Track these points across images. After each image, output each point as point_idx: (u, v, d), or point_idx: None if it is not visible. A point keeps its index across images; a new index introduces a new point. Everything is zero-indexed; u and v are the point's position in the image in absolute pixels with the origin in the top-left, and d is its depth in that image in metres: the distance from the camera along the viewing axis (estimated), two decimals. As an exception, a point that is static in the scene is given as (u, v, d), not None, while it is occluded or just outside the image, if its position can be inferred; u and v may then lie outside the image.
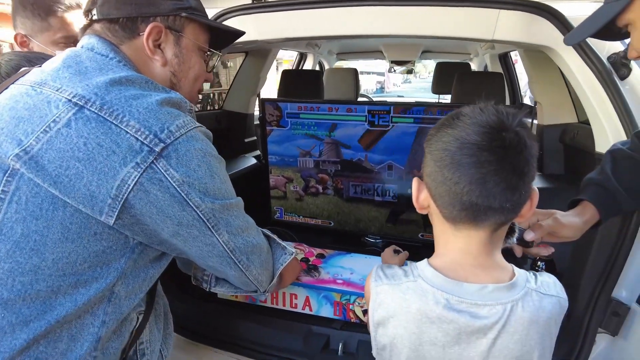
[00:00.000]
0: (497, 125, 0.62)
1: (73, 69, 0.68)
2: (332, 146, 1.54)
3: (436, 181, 0.66)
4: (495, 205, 0.63)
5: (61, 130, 0.61)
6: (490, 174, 0.62)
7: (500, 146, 0.62)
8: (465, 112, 0.66)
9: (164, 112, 0.66)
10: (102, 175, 0.61)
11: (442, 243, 0.72)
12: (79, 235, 0.63)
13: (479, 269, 0.68)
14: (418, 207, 0.74)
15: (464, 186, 0.63)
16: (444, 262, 0.70)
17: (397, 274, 0.73)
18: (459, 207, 0.65)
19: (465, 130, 0.63)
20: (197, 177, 0.68)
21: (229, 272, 0.80)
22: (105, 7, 0.74)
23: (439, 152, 0.66)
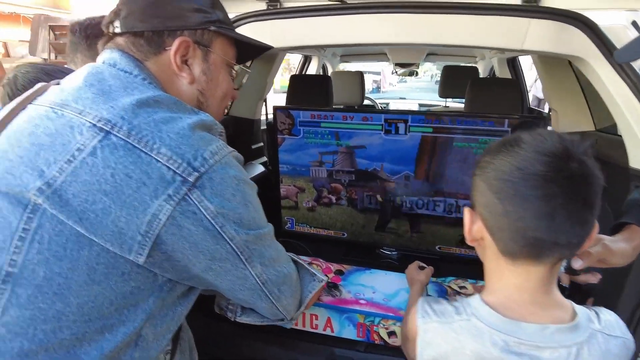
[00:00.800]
0: (562, 154, 0.57)
1: (96, 87, 0.62)
2: (347, 156, 1.49)
3: (495, 214, 0.61)
4: (562, 241, 0.58)
5: (86, 160, 0.55)
6: (558, 208, 0.57)
7: (568, 177, 0.57)
8: (526, 139, 0.60)
9: (197, 137, 0.60)
10: (131, 210, 0.56)
11: (495, 278, 0.67)
12: (106, 277, 0.57)
13: (537, 307, 0.63)
14: (470, 239, 0.68)
15: (529, 221, 0.58)
16: (499, 299, 0.64)
17: (448, 311, 0.68)
18: (522, 242, 0.59)
19: (527, 160, 0.58)
20: (232, 208, 0.62)
21: (259, 304, 0.75)
22: (129, 19, 0.68)
23: (497, 182, 0.60)
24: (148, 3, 0.68)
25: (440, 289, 1.19)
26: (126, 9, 0.68)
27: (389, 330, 1.08)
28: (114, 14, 0.69)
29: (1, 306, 0.54)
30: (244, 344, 1.16)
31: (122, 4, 0.69)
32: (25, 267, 0.55)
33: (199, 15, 0.71)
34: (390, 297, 1.13)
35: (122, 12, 0.68)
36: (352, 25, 1.10)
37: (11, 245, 0.55)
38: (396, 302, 1.11)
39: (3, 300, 0.55)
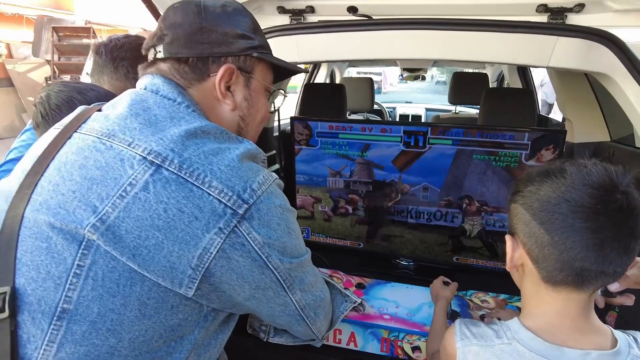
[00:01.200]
0: (609, 186, 0.59)
1: (142, 117, 0.62)
2: (364, 166, 1.49)
3: (540, 244, 0.62)
4: (609, 270, 0.59)
5: (139, 195, 0.55)
6: (608, 240, 0.58)
7: (617, 210, 0.58)
8: (570, 170, 0.61)
9: (245, 168, 0.61)
10: (183, 245, 0.56)
11: (534, 303, 0.67)
12: (156, 311, 0.57)
13: (578, 333, 0.64)
14: (510, 266, 0.69)
15: (578, 252, 0.59)
16: (539, 324, 0.65)
17: (487, 334, 0.68)
18: (568, 271, 0.60)
19: (575, 192, 0.59)
20: (277, 237, 0.63)
21: (296, 327, 0.75)
22: (174, 45, 0.68)
23: (544, 213, 0.61)
24: (194, 30, 0.67)
25: (462, 302, 1.19)
26: (171, 35, 0.68)
27: (413, 346, 1.08)
28: (157, 38, 0.69)
29: (57, 342, 0.54)
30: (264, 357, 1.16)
31: (166, 29, 0.68)
32: (80, 303, 0.55)
33: (242, 42, 0.71)
34: (414, 312, 1.14)
35: (166, 38, 0.68)
36: (378, 41, 1.11)
37: (67, 282, 0.55)
38: (420, 317, 1.12)
39: (59, 337, 0.55)
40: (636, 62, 1.01)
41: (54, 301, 0.55)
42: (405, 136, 1.42)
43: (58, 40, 7.53)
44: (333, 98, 1.97)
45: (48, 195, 0.58)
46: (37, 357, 0.54)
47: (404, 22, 1.06)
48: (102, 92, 0.94)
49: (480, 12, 1.18)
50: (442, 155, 1.39)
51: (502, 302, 1.19)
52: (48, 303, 0.55)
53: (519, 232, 0.66)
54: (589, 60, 1.04)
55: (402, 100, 4.73)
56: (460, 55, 1.08)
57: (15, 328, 0.54)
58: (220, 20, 0.69)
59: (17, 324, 0.55)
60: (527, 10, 1.11)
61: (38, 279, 0.55)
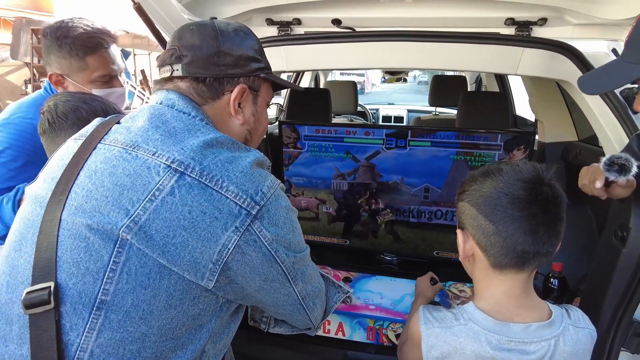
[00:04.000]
0: (537, 180, 0.71)
1: (162, 129, 0.69)
2: (367, 169, 1.55)
3: (487, 233, 0.73)
4: (543, 250, 0.72)
5: (166, 199, 0.63)
6: (540, 225, 0.70)
7: (545, 199, 0.71)
8: (506, 169, 0.74)
9: (256, 174, 0.68)
10: (205, 242, 0.63)
11: (484, 286, 0.78)
12: (181, 301, 0.64)
13: (522, 309, 0.76)
14: (463, 256, 0.80)
15: (518, 237, 0.70)
16: (490, 305, 0.76)
17: (447, 317, 0.78)
18: (511, 255, 0.72)
19: (512, 186, 0.71)
20: (283, 234, 0.70)
21: (297, 316, 0.83)
22: (192, 66, 0.74)
23: (488, 207, 0.73)
24: (212, 52, 0.74)
25: (442, 292, 1.28)
26: (190, 56, 0.74)
27: (397, 333, 1.17)
28: (176, 58, 0.75)
29: (96, 330, 0.61)
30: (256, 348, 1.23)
31: (185, 50, 0.75)
32: (116, 295, 0.62)
33: (252, 64, 0.79)
34: (397, 302, 1.23)
35: (185, 58, 0.74)
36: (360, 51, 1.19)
37: (104, 277, 0.61)
38: (403, 306, 1.21)
39: (98, 324, 0.61)
40: (593, 70, 1.11)
41: (93, 293, 0.61)
42: (386, 138, 1.51)
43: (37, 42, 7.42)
44: (319, 102, 2.05)
45: (83, 201, 0.65)
46: (79, 342, 0.61)
47: (384, 35, 1.15)
48: (105, 102, 1.00)
49: (456, 25, 1.28)
50: (441, 157, 1.46)
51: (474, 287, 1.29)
52: (88, 295, 0.61)
53: (467, 226, 0.77)
54: (552, 68, 1.14)
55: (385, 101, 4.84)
56: (437, 65, 1.18)
57: (59, 318, 0.61)
58: (234, 44, 0.76)
59: (61, 314, 0.61)
60: (496, 23, 1.21)
61: (78, 274, 0.62)
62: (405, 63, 1.18)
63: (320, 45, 1.21)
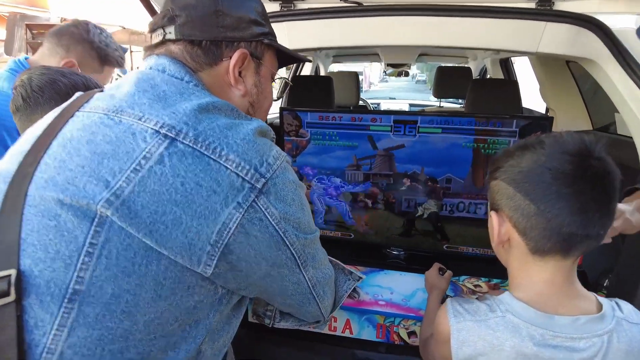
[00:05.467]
0: (586, 152, 0.62)
1: (150, 93, 0.60)
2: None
3: (527, 214, 0.64)
4: (593, 233, 0.62)
5: (154, 169, 0.53)
6: (589, 203, 0.61)
7: (594, 174, 0.61)
8: (548, 141, 0.64)
9: (260, 142, 0.59)
10: (202, 220, 0.54)
11: (522, 275, 0.69)
12: (172, 292, 0.55)
13: (566, 299, 0.66)
14: (497, 241, 0.70)
15: (564, 218, 0.61)
16: (529, 295, 0.67)
17: (481, 309, 0.69)
18: (555, 238, 0.63)
19: (556, 160, 0.62)
20: (293, 212, 0.62)
21: (306, 307, 0.75)
22: (187, 27, 0.65)
23: (528, 184, 0.63)
24: (209, 12, 0.66)
25: (455, 287, 1.20)
26: (185, 16, 0.66)
27: (409, 331, 1.09)
28: (169, 19, 0.66)
29: (68, 326, 0.52)
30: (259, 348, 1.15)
31: (179, 9, 0.66)
32: (93, 284, 0.52)
33: (255, 27, 0.70)
34: (409, 298, 1.14)
35: (178, 19, 0.66)
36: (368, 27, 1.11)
37: (78, 262, 0.52)
38: (415, 302, 1.12)
39: (70, 320, 0.52)
40: (621, 48, 1.03)
41: (65, 282, 0.52)
42: (394, 125, 1.43)
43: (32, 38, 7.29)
44: (321, 90, 1.97)
45: (54, 172, 0.55)
46: (45, 343, 0.51)
47: (393, 9, 1.07)
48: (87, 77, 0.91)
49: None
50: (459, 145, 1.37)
51: (494, 287, 1.21)
52: (58, 285, 0.52)
53: (503, 207, 0.67)
54: (576, 45, 1.06)
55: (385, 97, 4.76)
56: (450, 42, 1.09)
57: (21, 313, 0.51)
58: (234, 4, 0.68)
59: (23, 308, 0.52)
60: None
61: (46, 259, 0.52)
62: (415, 40, 1.10)
63: (326, 20, 1.13)
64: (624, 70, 1.04)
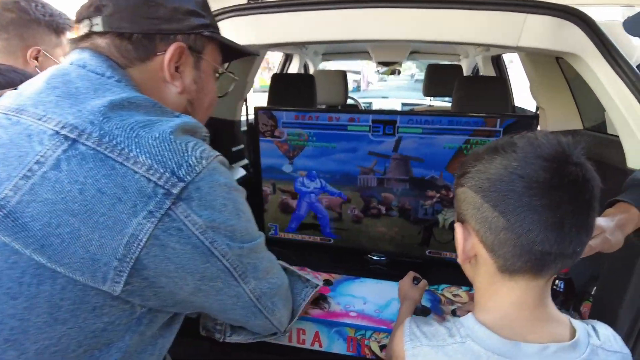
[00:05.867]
0: (563, 157, 0.53)
1: (60, 90, 0.53)
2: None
3: (494, 229, 0.55)
4: (568, 251, 0.54)
5: (48, 175, 0.47)
6: (567, 217, 0.52)
7: (573, 182, 0.52)
8: (521, 144, 0.55)
9: (181, 141, 0.53)
10: (105, 232, 0.48)
11: (488, 295, 0.61)
12: (73, 314, 0.49)
13: (536, 324, 0.58)
14: (463, 257, 0.62)
15: (537, 234, 0.52)
16: (495, 318, 0.59)
17: (439, 333, 0.61)
18: (526, 257, 0.54)
19: (529, 166, 0.53)
20: (223, 220, 0.55)
21: (253, 321, 0.68)
22: (115, 18, 0.59)
23: (496, 193, 0.54)
24: (140, 1, 0.60)
25: (433, 297, 1.14)
26: (112, 6, 0.59)
27: (381, 344, 1.02)
28: (95, 9, 0.60)
29: None
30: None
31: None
32: None
33: (192, 19, 0.63)
34: (382, 309, 1.07)
35: (106, 9, 0.59)
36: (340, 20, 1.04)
37: None
38: (389, 313, 1.05)
39: None
40: (606, 42, 0.97)
41: None
42: (373, 125, 1.36)
43: None
44: (302, 89, 1.90)
45: None
46: None
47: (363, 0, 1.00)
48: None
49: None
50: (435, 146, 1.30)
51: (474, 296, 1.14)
52: None
53: (469, 219, 0.59)
54: (558, 40, 0.99)
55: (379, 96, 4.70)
56: (427, 35, 1.02)
57: None
58: None
59: None
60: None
61: None
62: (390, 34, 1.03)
63: (298, 13, 1.05)
64: (609, 65, 0.97)
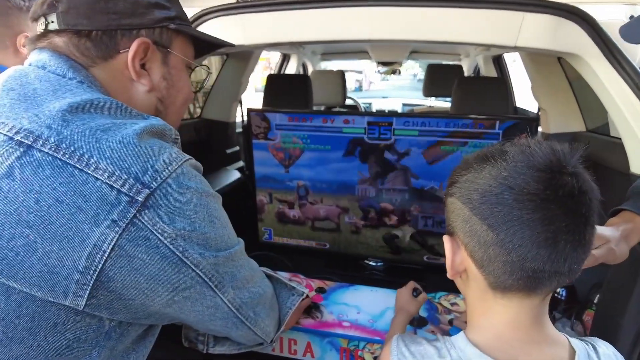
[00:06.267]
0: (557, 167, 0.49)
1: (16, 92, 0.50)
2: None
3: (483, 243, 0.51)
4: (564, 269, 0.49)
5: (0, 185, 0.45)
6: (561, 232, 0.48)
7: (568, 194, 0.48)
8: (512, 152, 0.51)
9: (145, 145, 0.50)
10: (64, 243, 0.45)
11: (479, 313, 0.57)
12: (31, 332, 0.46)
13: (532, 346, 0.54)
14: (452, 272, 0.58)
15: (528, 250, 0.48)
16: (487, 339, 0.55)
17: (428, 354, 0.57)
18: (518, 275, 0.50)
19: (520, 176, 0.49)
20: (195, 227, 0.52)
21: (235, 332, 0.65)
22: (71, 15, 0.55)
23: (485, 205, 0.51)
24: None
25: (430, 306, 1.10)
26: (67, 1, 0.55)
27: (374, 355, 0.99)
28: (48, 5, 0.56)
29: None
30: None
31: None
32: None
33: (156, 12, 0.60)
34: (377, 318, 1.04)
35: (60, 4, 0.56)
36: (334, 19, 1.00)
37: None
38: (383, 323, 1.02)
39: None
40: (608, 42, 0.93)
41: None
42: (369, 127, 1.32)
43: None
44: (298, 90, 1.86)
45: None
46: None
47: (358, -1, 0.96)
48: None
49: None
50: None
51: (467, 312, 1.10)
52: None
53: (458, 232, 0.55)
54: (558, 39, 0.96)
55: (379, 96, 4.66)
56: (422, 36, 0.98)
57: None
58: None
59: None
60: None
61: None
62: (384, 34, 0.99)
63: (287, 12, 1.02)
64: (612, 66, 0.93)
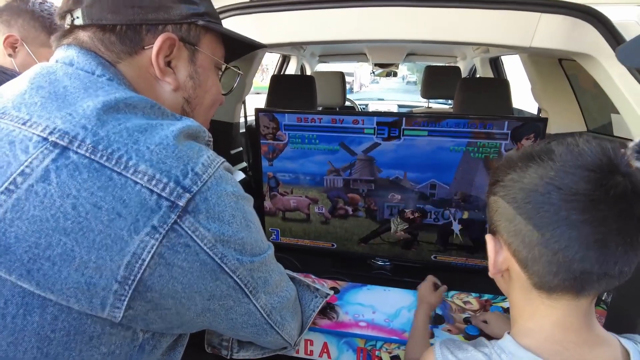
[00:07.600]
0: (608, 167, 0.47)
1: (46, 90, 0.48)
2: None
3: (528, 243, 0.50)
4: (613, 271, 0.48)
5: (35, 188, 0.42)
6: (611, 234, 0.47)
7: (620, 196, 0.46)
8: (559, 151, 0.50)
9: (184, 147, 0.48)
10: (103, 252, 0.42)
11: (527, 315, 0.56)
12: (66, 347, 0.43)
13: (585, 348, 0.53)
14: (494, 271, 0.57)
15: (576, 251, 0.47)
16: (538, 342, 0.53)
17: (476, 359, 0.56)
18: (564, 275, 0.49)
19: (568, 176, 0.47)
20: (233, 232, 0.51)
21: (264, 338, 0.64)
22: (95, 9, 0.54)
23: (531, 205, 0.50)
24: None
25: (444, 305, 1.10)
26: None
27: (392, 355, 0.99)
28: (74, 1, 0.55)
29: None
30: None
31: None
32: None
33: (184, 7, 0.58)
34: (392, 318, 1.04)
35: (85, 0, 0.54)
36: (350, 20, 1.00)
37: None
38: (399, 323, 1.02)
39: None
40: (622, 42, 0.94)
41: None
42: (378, 127, 1.32)
43: None
44: (302, 90, 1.86)
45: None
46: None
47: (376, -1, 0.96)
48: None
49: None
50: (445, 149, 1.28)
51: (485, 303, 1.11)
52: None
53: (501, 231, 0.55)
54: (572, 40, 0.97)
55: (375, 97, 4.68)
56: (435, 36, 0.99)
57: None
58: None
59: None
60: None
61: None
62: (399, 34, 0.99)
63: (302, 12, 1.02)
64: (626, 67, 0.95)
